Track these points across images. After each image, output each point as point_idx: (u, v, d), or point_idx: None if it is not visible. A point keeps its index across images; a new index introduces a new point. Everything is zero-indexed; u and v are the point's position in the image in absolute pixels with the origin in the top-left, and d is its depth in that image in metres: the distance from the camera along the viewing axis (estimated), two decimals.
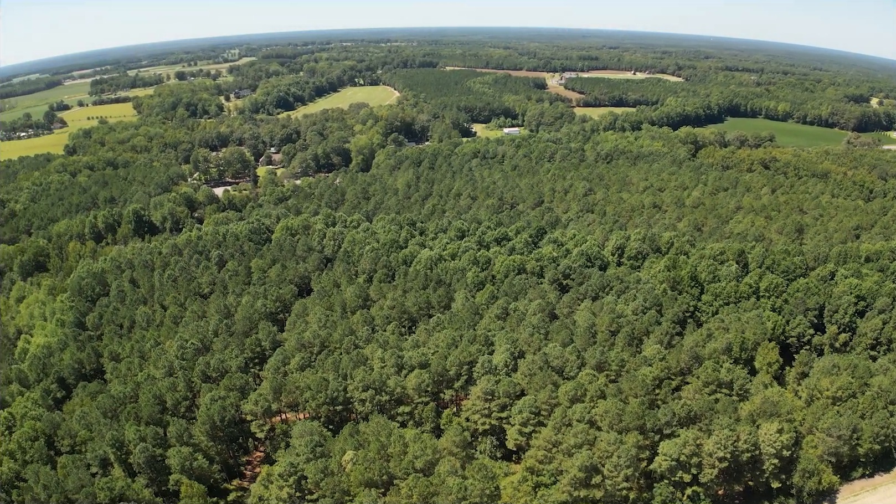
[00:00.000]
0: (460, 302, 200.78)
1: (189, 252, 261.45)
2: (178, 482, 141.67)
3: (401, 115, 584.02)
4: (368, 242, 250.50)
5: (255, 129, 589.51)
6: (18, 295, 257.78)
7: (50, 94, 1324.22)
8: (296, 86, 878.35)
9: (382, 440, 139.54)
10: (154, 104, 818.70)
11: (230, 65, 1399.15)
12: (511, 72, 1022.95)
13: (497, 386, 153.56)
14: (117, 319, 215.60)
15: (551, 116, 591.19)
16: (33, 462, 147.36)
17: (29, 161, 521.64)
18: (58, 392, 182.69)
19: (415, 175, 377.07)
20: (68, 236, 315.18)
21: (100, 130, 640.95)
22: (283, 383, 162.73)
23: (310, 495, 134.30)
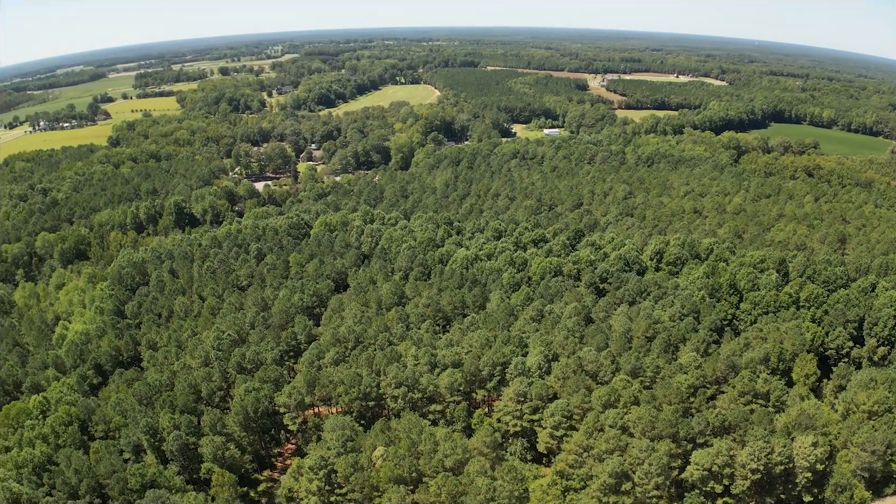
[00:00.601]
0: (495, 302, 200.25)
1: (228, 245, 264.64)
2: (210, 471, 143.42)
3: (441, 115, 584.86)
4: (405, 240, 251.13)
5: (296, 125, 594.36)
6: (58, 282, 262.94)
7: (94, 85, 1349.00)
8: (337, 83, 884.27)
9: (413, 437, 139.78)
10: (197, 98, 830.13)
11: (273, 61, 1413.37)
12: (552, 72, 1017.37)
13: (530, 388, 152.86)
14: (156, 309, 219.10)
15: (592, 118, 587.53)
16: (66, 446, 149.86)
17: (72, 151, 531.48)
18: (94, 378, 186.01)
19: (453, 174, 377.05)
20: (110, 226, 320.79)
21: (143, 123, 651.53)
22: (316, 377, 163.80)
23: (339, 489, 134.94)
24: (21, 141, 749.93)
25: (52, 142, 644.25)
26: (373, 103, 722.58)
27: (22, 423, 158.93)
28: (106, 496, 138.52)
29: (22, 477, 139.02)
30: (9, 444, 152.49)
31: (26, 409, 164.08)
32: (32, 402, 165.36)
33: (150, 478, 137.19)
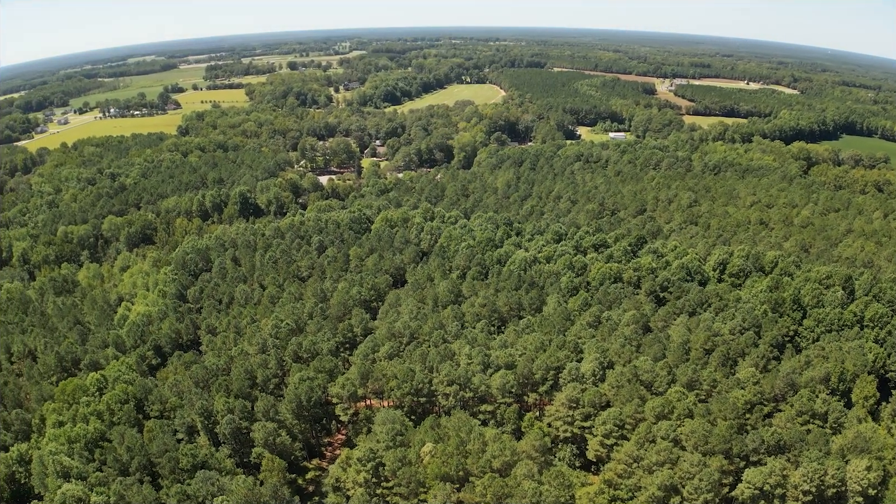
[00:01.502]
0: (552, 306, 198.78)
1: (291, 236, 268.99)
2: (260, 456, 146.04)
3: (505, 115, 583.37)
4: (465, 239, 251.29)
5: (361, 121, 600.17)
6: (123, 264, 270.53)
7: (165, 75, 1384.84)
8: (403, 81, 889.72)
9: (462, 436, 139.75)
10: (266, 92, 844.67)
11: (341, 57, 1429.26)
12: (620, 75, 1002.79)
13: (583, 394, 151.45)
14: (217, 295, 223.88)
15: (659, 123, 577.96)
16: (120, 424, 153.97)
17: (142, 138, 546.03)
18: (153, 359, 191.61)
19: (515, 175, 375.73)
20: (176, 212, 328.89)
21: (212, 114, 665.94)
22: (370, 370, 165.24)
23: (385, 483, 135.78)
24: (91, 126, 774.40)
25: (122, 128, 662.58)
26: (438, 102, 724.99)
27: (78, 399, 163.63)
28: (156, 474, 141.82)
29: (73, 452, 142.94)
30: (63, 419, 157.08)
31: (83, 385, 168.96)
32: (90, 379, 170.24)
33: (201, 459, 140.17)
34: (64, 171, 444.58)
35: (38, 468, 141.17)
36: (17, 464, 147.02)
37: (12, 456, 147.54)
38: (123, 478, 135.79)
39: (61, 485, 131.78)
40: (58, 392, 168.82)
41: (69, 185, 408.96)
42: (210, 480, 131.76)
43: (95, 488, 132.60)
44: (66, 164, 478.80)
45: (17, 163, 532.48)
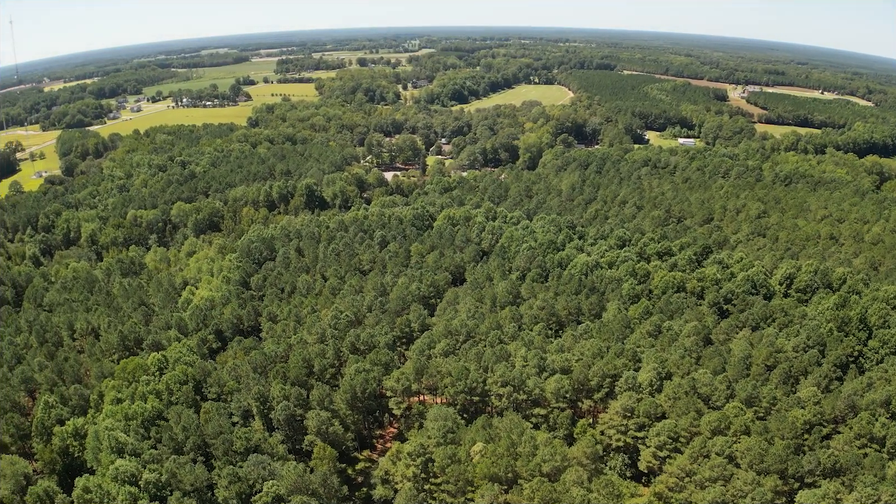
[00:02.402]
0: (612, 312, 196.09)
1: (354, 230, 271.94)
2: (312, 443, 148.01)
3: (573, 116, 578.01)
4: (526, 240, 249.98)
5: (428, 118, 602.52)
6: (189, 249, 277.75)
7: (236, 68, 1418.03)
8: (471, 80, 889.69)
9: (513, 438, 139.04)
10: (335, 87, 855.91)
11: (409, 55, 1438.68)
12: (691, 80, 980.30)
13: (638, 404, 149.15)
14: (280, 283, 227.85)
15: (730, 130, 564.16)
16: (178, 404, 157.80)
17: (212, 129, 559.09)
18: (214, 343, 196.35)
19: (580, 177, 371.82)
20: (243, 202, 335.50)
21: (282, 107, 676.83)
22: (425, 366, 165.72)
23: (434, 479, 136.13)
24: (163, 114, 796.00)
25: (194, 118, 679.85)
26: (505, 101, 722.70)
27: (138, 377, 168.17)
28: (209, 455, 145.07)
29: (129, 429, 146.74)
30: (121, 396, 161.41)
31: (144, 364, 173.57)
32: (151, 359, 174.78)
33: (254, 442, 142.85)
34: (135, 157, 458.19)
35: (92, 443, 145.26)
36: (72, 438, 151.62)
37: (68, 430, 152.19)
38: (177, 456, 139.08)
39: (114, 460, 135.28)
40: (118, 370, 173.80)
41: (140, 170, 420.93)
42: (262, 464, 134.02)
43: (149, 465, 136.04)
44: (137, 150, 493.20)
45: (88, 147, 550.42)
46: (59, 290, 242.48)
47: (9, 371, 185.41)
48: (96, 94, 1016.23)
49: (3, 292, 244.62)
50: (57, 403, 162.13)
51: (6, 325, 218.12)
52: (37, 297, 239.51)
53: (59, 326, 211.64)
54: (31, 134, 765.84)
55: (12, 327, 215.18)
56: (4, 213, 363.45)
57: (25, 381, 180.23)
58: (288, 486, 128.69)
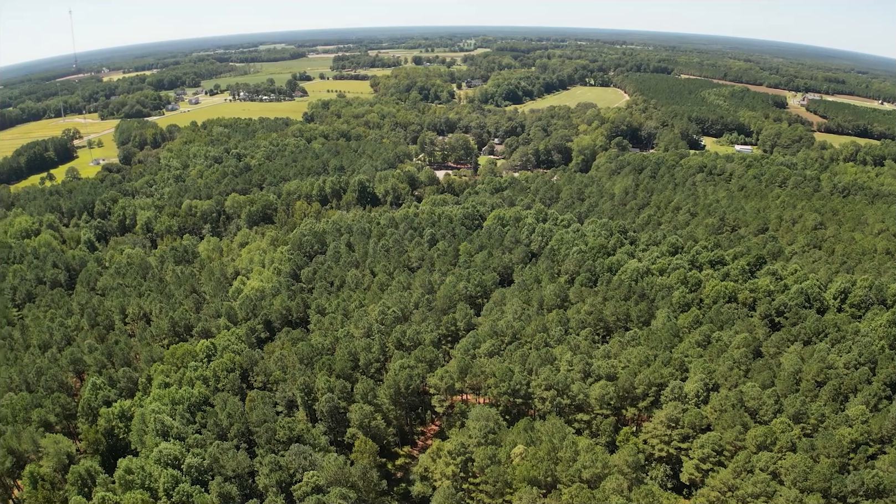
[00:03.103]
0: (661, 320, 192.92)
1: (404, 227, 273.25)
2: (354, 436, 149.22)
3: (628, 119, 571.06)
4: (576, 244, 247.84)
5: (481, 118, 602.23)
6: (242, 240, 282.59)
7: (293, 63, 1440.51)
8: (526, 80, 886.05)
9: (555, 442, 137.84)
10: (390, 85, 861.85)
11: (465, 54, 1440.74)
12: (749, 86, 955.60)
13: (683, 415, 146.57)
14: (329, 277, 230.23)
15: (788, 139, 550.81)
16: (224, 391, 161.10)
17: (268, 123, 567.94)
18: (262, 332, 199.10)
19: (634, 182, 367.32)
20: (297, 195, 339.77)
21: (337, 103, 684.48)
22: (470, 365, 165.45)
23: (473, 478, 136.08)
24: (220, 107, 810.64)
25: (250, 111, 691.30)
26: (559, 103, 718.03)
27: (186, 363, 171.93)
28: (252, 443, 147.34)
29: (175, 413, 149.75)
30: (169, 380, 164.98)
31: (193, 351, 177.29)
32: (200, 345, 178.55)
33: (297, 432, 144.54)
34: (192, 148, 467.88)
35: (138, 425, 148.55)
36: (118, 419, 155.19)
37: (114, 411, 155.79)
38: (221, 442, 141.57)
39: (159, 443, 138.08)
40: (167, 355, 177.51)
41: (196, 161, 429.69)
42: (303, 454, 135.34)
43: (192, 449, 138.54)
44: (194, 141, 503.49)
45: (146, 136, 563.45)
46: (113, 275, 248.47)
47: (58, 352, 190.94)
48: (155, 86, 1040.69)
49: (56, 275, 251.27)
50: (105, 385, 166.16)
51: (58, 307, 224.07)
52: (90, 280, 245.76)
53: (112, 310, 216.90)
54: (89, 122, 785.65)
55: (64, 309, 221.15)
56: (61, 199, 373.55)
57: (74, 363, 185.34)
58: (328, 477, 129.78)
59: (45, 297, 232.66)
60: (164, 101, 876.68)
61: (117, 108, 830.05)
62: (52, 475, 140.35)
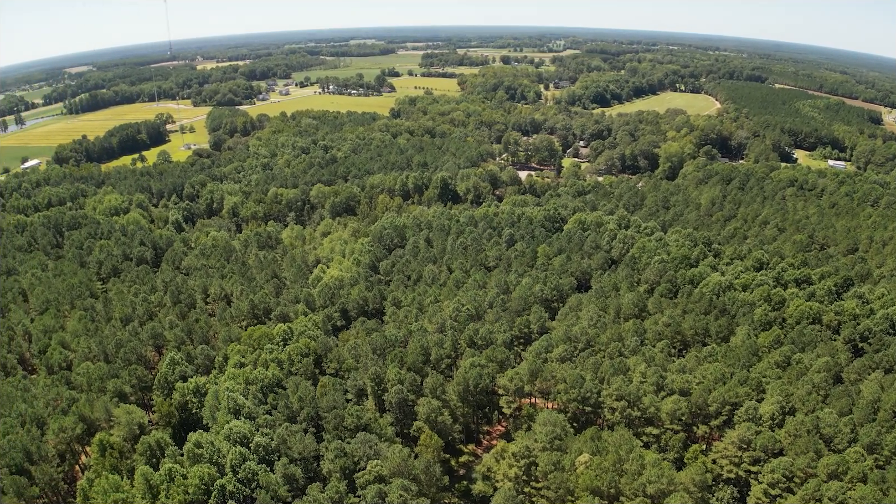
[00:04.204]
0: (741, 338, 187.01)
1: (483, 226, 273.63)
2: (420, 430, 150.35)
3: (718, 128, 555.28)
4: (658, 253, 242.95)
5: (567, 120, 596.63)
6: (324, 230, 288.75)
7: (382, 59, 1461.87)
8: (615, 83, 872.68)
9: (621, 454, 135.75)
10: (477, 83, 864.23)
11: (553, 55, 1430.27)
12: (846, 99, 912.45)
13: (756, 437, 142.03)
14: (407, 271, 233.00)
15: (882, 156, 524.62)
16: (297, 375, 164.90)
17: (356, 117, 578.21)
18: (338, 320, 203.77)
19: (721, 193, 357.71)
20: (380, 189, 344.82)
21: (424, 100, 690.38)
22: (541, 369, 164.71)
23: (535, 483, 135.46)
24: (310, 99, 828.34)
25: (338, 105, 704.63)
26: (648, 107, 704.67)
27: (262, 345, 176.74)
28: (320, 427, 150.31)
29: (248, 392, 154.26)
30: (245, 361, 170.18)
31: (270, 334, 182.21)
32: (277, 329, 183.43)
33: (365, 421, 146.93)
34: (281, 138, 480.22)
35: (211, 401, 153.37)
36: (192, 394, 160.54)
37: (189, 386, 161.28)
38: (290, 424, 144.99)
39: (230, 420, 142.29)
40: (245, 336, 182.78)
41: (284, 151, 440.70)
42: (369, 443, 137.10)
43: (261, 429, 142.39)
44: (283, 131, 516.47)
45: (237, 124, 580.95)
46: (198, 255, 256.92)
47: (139, 326, 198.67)
48: (247, 76, 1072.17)
49: (143, 253, 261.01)
50: (182, 361, 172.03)
51: (142, 283, 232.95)
52: (175, 260, 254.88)
53: (194, 289, 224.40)
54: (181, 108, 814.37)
55: (148, 286, 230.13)
56: (151, 180, 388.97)
57: (154, 337, 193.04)
58: (391, 468, 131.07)
59: (131, 273, 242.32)
60: (255, 90, 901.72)
61: (210, 95, 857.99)
62: (121, 444, 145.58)
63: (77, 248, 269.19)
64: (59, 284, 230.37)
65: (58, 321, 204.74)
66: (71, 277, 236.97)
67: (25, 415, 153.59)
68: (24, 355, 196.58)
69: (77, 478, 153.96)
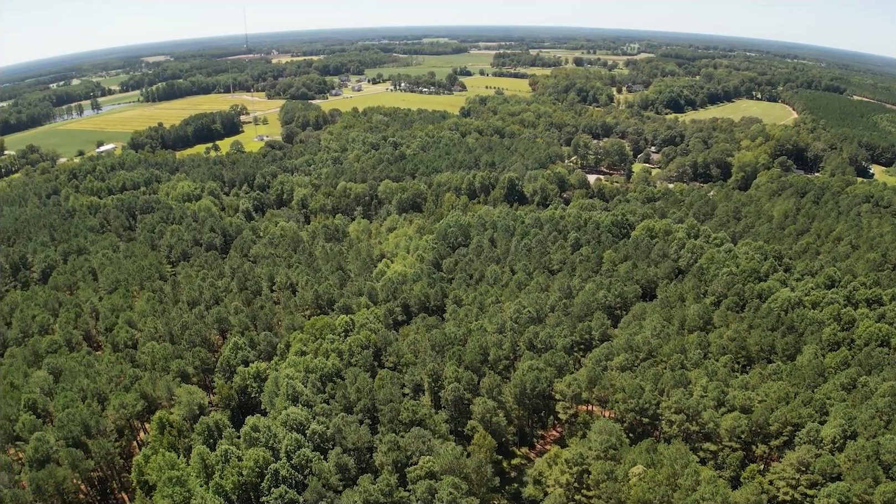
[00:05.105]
0: (807, 357, 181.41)
1: (549, 228, 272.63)
2: (474, 429, 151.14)
3: (794, 139, 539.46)
4: (727, 265, 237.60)
5: (639, 125, 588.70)
6: (390, 225, 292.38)
7: (454, 58, 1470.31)
8: (689, 89, 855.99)
9: (676, 468, 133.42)
10: (548, 84, 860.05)
11: (627, 58, 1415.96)
12: None
13: (815, 460, 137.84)
14: (469, 270, 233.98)
15: None
16: (356, 366, 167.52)
17: (426, 114, 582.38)
18: (399, 315, 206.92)
19: (795, 206, 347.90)
20: (446, 187, 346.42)
21: (494, 100, 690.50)
22: (600, 376, 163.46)
23: (586, 491, 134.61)
24: (381, 96, 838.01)
25: (409, 102, 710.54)
26: (722, 115, 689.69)
27: (324, 335, 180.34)
28: (375, 419, 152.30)
29: (308, 381, 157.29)
30: (306, 349, 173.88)
31: (332, 324, 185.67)
32: (339, 320, 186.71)
33: (420, 416, 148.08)
34: (351, 133, 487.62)
35: (270, 387, 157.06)
36: (253, 379, 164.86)
37: (250, 371, 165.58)
38: (346, 415, 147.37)
39: (287, 407, 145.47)
40: (308, 325, 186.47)
41: (354, 146, 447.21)
42: (423, 438, 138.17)
43: (318, 417, 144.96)
44: (354, 126, 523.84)
45: (309, 118, 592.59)
46: (266, 244, 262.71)
47: (205, 309, 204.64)
48: (321, 71, 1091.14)
49: (212, 239, 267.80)
50: (245, 346, 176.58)
51: (210, 268, 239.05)
52: (244, 247, 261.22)
53: (261, 277, 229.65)
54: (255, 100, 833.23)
55: (216, 271, 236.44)
56: (224, 168, 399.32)
57: (219, 321, 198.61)
58: (443, 465, 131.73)
59: (199, 258, 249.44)
60: (328, 85, 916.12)
61: (284, 88, 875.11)
62: (180, 423, 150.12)
63: (149, 232, 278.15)
64: (129, 265, 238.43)
65: (126, 301, 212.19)
66: (141, 259, 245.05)
67: (87, 389, 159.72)
68: (90, 332, 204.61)
69: (133, 453, 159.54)
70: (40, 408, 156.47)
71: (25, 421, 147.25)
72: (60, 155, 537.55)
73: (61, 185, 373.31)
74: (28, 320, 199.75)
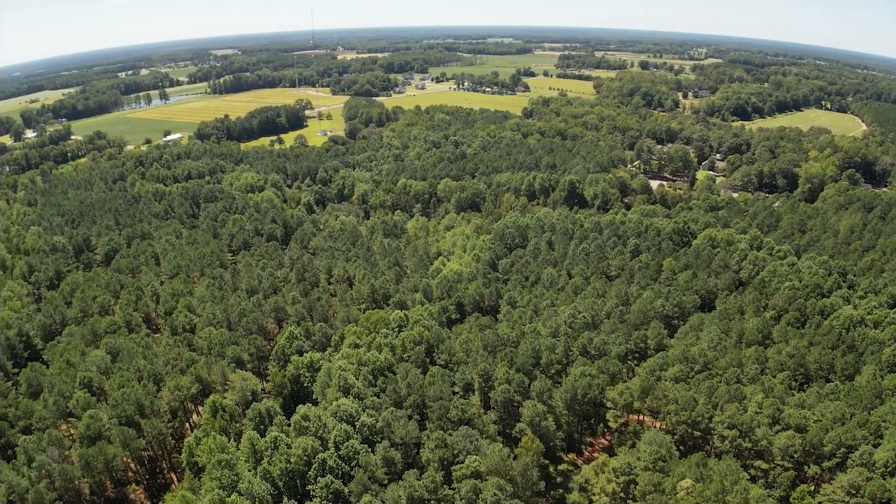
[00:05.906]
0: (866, 377, 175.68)
1: (608, 233, 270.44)
2: (522, 432, 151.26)
3: (863, 151, 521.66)
4: (789, 279, 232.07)
5: (705, 131, 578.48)
6: (448, 224, 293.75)
7: (518, 58, 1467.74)
8: (757, 96, 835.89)
9: (725, 485, 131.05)
10: (613, 87, 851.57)
11: (694, 63, 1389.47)
12: None
13: (866, 483, 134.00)
14: (525, 272, 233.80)
15: None
16: (408, 361, 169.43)
17: (488, 114, 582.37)
18: (453, 313, 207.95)
19: (862, 221, 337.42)
20: (506, 188, 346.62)
21: (557, 101, 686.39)
22: (653, 387, 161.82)
23: (632, 501, 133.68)
24: (444, 95, 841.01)
25: (472, 101, 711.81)
26: (790, 124, 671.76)
27: (378, 329, 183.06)
28: (424, 416, 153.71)
29: (360, 373, 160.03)
30: (360, 342, 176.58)
31: (386, 319, 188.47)
32: (393, 315, 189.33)
33: (468, 415, 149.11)
34: (413, 131, 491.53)
35: (323, 378, 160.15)
36: (306, 369, 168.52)
37: (304, 361, 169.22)
38: (395, 409, 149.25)
39: (338, 398, 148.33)
40: (363, 318, 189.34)
41: (416, 143, 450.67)
42: (470, 438, 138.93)
43: (367, 410, 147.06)
44: (416, 124, 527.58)
45: (372, 115, 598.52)
46: (325, 237, 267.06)
47: (263, 298, 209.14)
48: (385, 68, 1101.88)
49: (274, 230, 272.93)
50: (300, 336, 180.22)
51: (270, 258, 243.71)
52: (304, 239, 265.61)
53: (319, 269, 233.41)
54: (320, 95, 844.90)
55: (276, 261, 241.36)
56: (287, 161, 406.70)
57: (276, 311, 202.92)
58: (489, 465, 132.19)
59: (260, 248, 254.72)
60: (391, 83, 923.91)
61: (348, 85, 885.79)
62: (233, 408, 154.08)
63: (212, 220, 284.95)
64: (191, 252, 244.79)
65: (186, 286, 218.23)
66: (203, 247, 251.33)
67: (144, 370, 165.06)
68: (150, 315, 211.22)
69: (185, 435, 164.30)
70: (96, 386, 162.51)
71: (80, 398, 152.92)
72: (128, 142, 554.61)
73: (128, 172, 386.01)
74: (89, 300, 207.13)
